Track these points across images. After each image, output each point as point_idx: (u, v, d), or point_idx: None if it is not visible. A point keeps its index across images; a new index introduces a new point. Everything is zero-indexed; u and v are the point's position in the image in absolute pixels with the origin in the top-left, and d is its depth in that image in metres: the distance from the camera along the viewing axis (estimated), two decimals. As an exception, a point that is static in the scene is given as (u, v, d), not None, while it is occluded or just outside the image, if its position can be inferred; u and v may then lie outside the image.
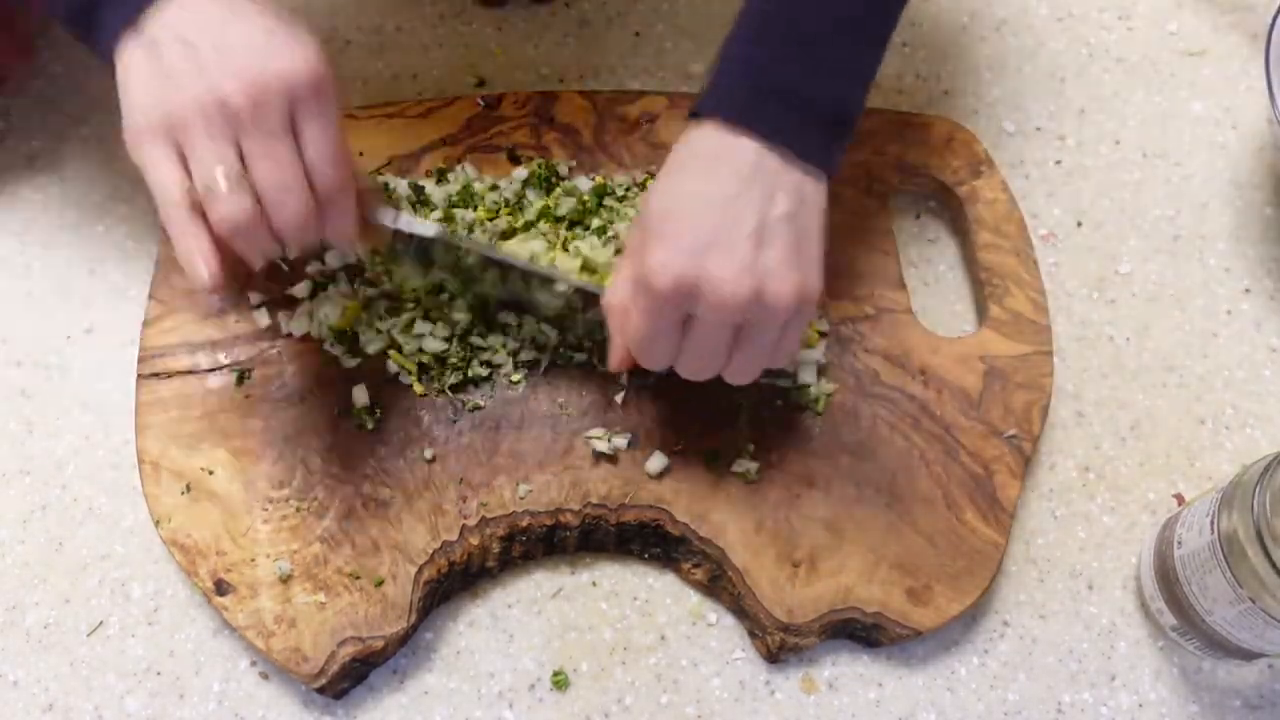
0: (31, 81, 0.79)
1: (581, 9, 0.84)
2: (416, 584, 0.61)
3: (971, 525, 0.63)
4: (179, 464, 0.63)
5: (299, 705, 0.62)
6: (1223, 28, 0.85)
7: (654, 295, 0.53)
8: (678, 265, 0.52)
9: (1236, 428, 0.70)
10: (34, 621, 0.63)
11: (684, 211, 0.53)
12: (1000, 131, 0.80)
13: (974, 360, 0.68)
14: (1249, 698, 0.63)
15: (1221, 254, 0.76)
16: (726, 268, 0.51)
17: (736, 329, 0.54)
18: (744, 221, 0.52)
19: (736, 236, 0.52)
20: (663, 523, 0.63)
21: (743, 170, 0.53)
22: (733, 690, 0.62)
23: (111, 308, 0.72)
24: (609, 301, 0.57)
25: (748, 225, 0.52)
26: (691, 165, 0.55)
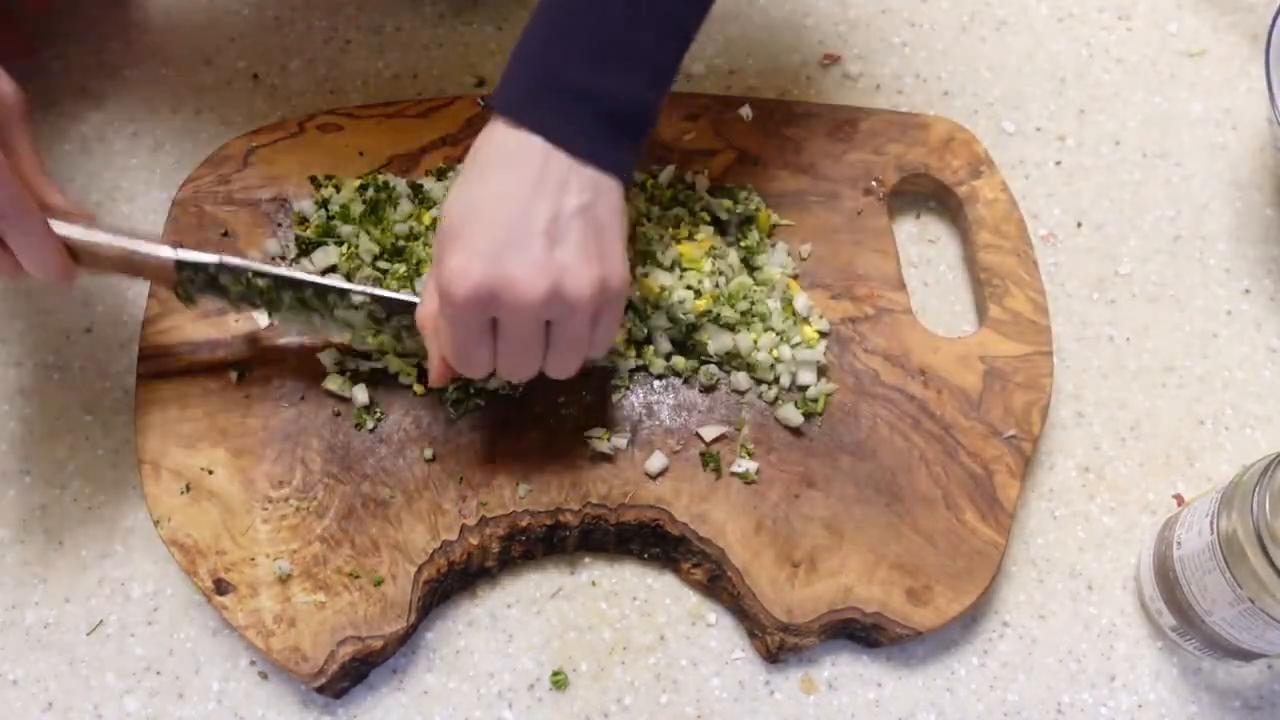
0: (31, 81, 0.79)
1: (581, 9, 0.84)
2: (416, 583, 0.61)
3: (971, 525, 0.63)
4: (179, 463, 0.63)
5: (298, 705, 0.62)
6: (1223, 28, 0.85)
7: (455, 304, 0.52)
8: (474, 271, 0.52)
9: (1236, 428, 0.70)
10: (34, 621, 0.63)
11: (475, 215, 0.53)
12: (1000, 132, 0.80)
13: (974, 360, 0.68)
14: (1248, 698, 0.63)
15: (1221, 254, 0.76)
16: (521, 267, 0.52)
17: (544, 326, 0.54)
18: (536, 219, 0.52)
19: (529, 235, 0.52)
20: (662, 523, 0.63)
21: (531, 168, 0.53)
22: (732, 690, 0.62)
23: (111, 308, 0.72)
24: (420, 316, 0.57)
25: (540, 222, 0.52)
26: (482, 167, 0.54)
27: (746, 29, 0.83)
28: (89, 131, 0.77)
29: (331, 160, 0.72)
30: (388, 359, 0.66)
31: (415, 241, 0.68)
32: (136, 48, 0.80)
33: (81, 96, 0.79)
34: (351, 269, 0.68)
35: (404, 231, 0.68)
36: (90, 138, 0.77)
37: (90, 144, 0.77)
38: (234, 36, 0.81)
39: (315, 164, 0.72)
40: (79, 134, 0.77)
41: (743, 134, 0.74)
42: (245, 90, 0.79)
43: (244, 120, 0.77)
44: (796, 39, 0.83)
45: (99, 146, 0.77)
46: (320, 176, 0.71)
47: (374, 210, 0.69)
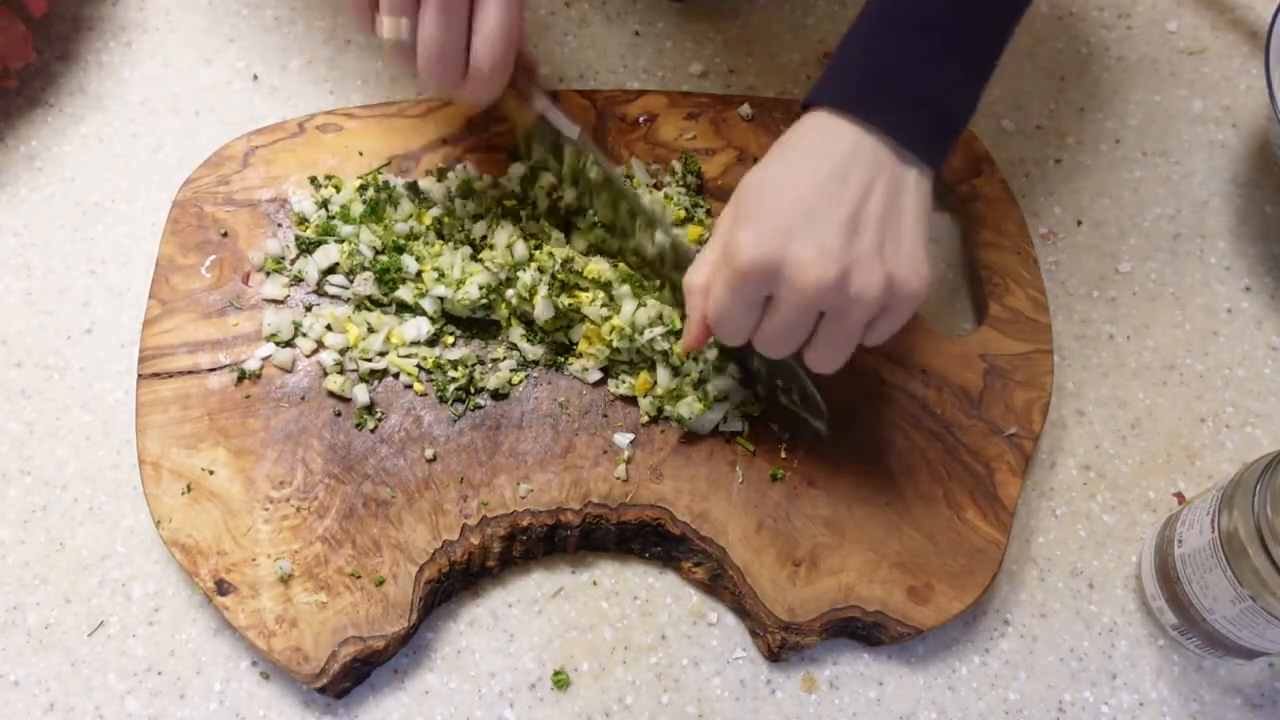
0: (31, 81, 0.79)
1: (582, 9, 0.84)
2: (417, 583, 0.61)
3: (972, 524, 0.63)
4: (179, 464, 0.63)
5: (300, 705, 0.62)
6: (1222, 27, 0.85)
7: (736, 270, 0.52)
8: (763, 244, 0.51)
9: (1237, 426, 0.70)
10: (35, 621, 0.63)
11: (776, 193, 0.52)
12: (1000, 130, 0.80)
13: (974, 359, 0.68)
14: (1250, 696, 0.63)
15: (1222, 252, 0.76)
16: (811, 251, 0.51)
17: (818, 314, 0.53)
18: (836, 208, 0.51)
19: (827, 222, 0.51)
20: (663, 522, 0.63)
21: (840, 156, 0.52)
22: (733, 689, 0.62)
23: (111, 308, 0.72)
24: (689, 281, 0.57)
25: (840, 212, 0.51)
26: (790, 150, 0.54)
27: (746, 29, 0.83)
28: (89, 131, 0.77)
29: (331, 160, 0.72)
30: (389, 359, 0.66)
31: (415, 241, 0.68)
32: (136, 48, 0.80)
33: (81, 96, 0.79)
34: (353, 266, 0.68)
35: (404, 231, 0.68)
36: (90, 138, 0.77)
37: (90, 144, 0.77)
38: (234, 36, 0.81)
39: (315, 164, 0.72)
40: (79, 134, 0.77)
41: (743, 133, 0.74)
42: (245, 90, 0.79)
43: (244, 120, 0.77)
44: (796, 39, 0.83)
45: (99, 146, 0.77)
46: (320, 176, 0.71)
47: (374, 210, 0.69)
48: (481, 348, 0.67)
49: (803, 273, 0.51)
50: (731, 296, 0.53)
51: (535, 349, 0.66)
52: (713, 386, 0.64)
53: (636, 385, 0.65)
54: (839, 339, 0.54)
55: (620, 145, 0.74)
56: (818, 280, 0.51)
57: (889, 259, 0.52)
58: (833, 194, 0.52)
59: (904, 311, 0.54)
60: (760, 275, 0.52)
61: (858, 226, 0.52)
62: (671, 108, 0.75)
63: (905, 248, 0.53)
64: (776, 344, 0.55)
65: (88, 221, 0.75)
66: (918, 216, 0.54)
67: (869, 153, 0.53)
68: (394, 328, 0.66)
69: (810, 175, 0.52)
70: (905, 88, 0.54)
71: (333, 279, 0.68)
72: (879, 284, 0.52)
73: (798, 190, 0.52)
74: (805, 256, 0.51)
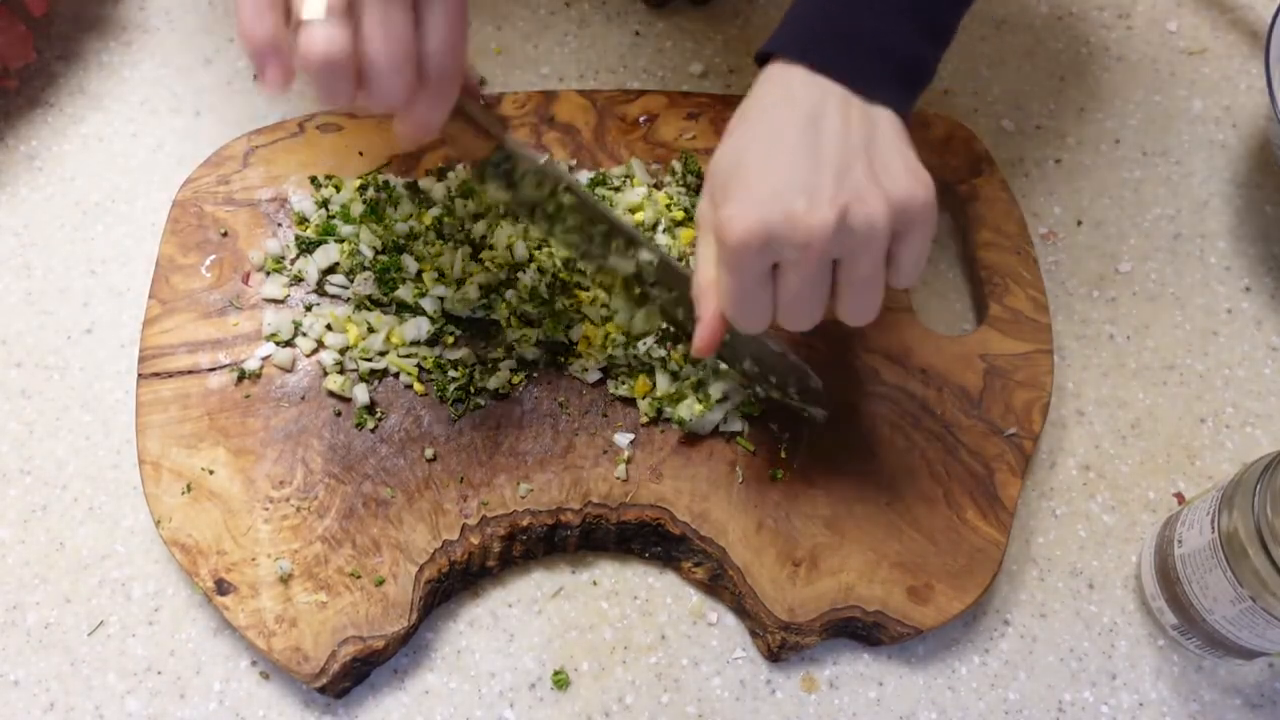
0: (31, 81, 0.79)
1: (582, 9, 0.84)
2: (417, 583, 0.61)
3: (972, 524, 0.63)
4: (179, 464, 0.63)
5: (300, 705, 0.62)
6: (1222, 27, 0.85)
7: (732, 249, 0.49)
8: (750, 212, 0.48)
9: (1237, 426, 0.70)
10: (35, 621, 0.63)
11: (749, 160, 0.50)
12: (1000, 130, 0.80)
13: (974, 359, 0.68)
14: (1250, 696, 0.63)
15: (1222, 252, 0.76)
16: (802, 202, 0.48)
17: (832, 267, 0.50)
18: (814, 154, 0.49)
19: (809, 170, 0.49)
20: (663, 522, 0.63)
21: (806, 107, 0.50)
22: (733, 689, 0.62)
23: (111, 308, 0.72)
24: (698, 283, 0.54)
25: (820, 156, 0.49)
26: (752, 114, 0.52)
27: (746, 29, 0.83)
28: (89, 131, 0.77)
29: (331, 160, 0.72)
30: (389, 359, 0.66)
31: (415, 241, 0.68)
32: (136, 48, 0.80)
33: (81, 96, 0.79)
34: (353, 266, 0.68)
35: (404, 231, 0.68)
36: (90, 138, 0.77)
37: (90, 144, 0.77)
38: (234, 36, 0.81)
39: (315, 164, 0.72)
40: (79, 134, 0.77)
41: (743, 133, 0.74)
42: (245, 90, 0.79)
43: (244, 120, 0.77)
44: (796, 38, 0.83)
45: (99, 146, 0.77)
46: (320, 176, 0.71)
47: (374, 210, 0.69)
48: (481, 348, 0.67)
49: (799, 226, 0.48)
50: (736, 278, 0.50)
51: (534, 350, 0.66)
52: (714, 388, 0.64)
53: (635, 387, 0.65)
54: (863, 282, 0.51)
55: (620, 145, 0.74)
56: (819, 228, 0.48)
57: (885, 182, 0.49)
58: (808, 143, 0.49)
59: (924, 227, 0.50)
60: (757, 244, 0.49)
61: (843, 165, 0.49)
62: (671, 108, 0.75)
63: (899, 164, 0.50)
64: (799, 312, 0.52)
65: (88, 221, 0.75)
66: (902, 138, 0.51)
67: (835, 100, 0.50)
68: (394, 328, 0.66)
69: (780, 132, 0.50)
70: (859, 39, 0.52)
71: (333, 279, 0.68)
72: (882, 209, 0.49)
73: (771, 150, 0.50)
74: (797, 209, 0.48)
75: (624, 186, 0.71)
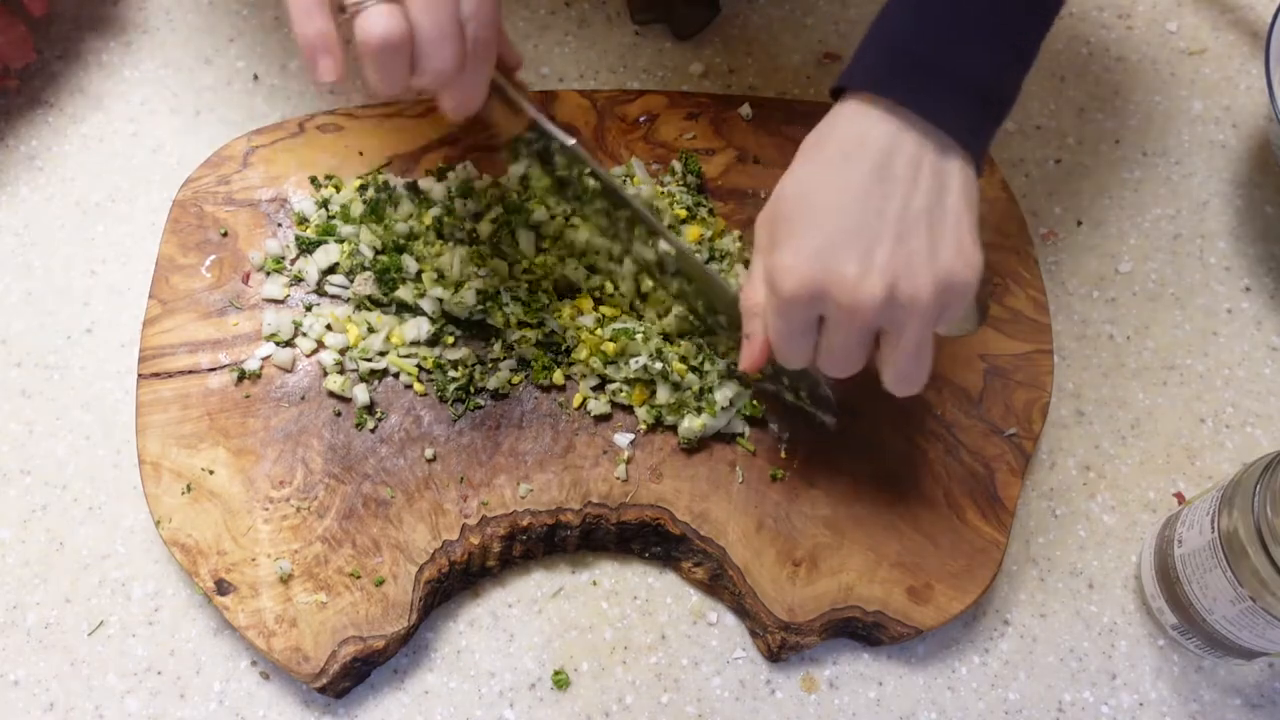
0: (31, 81, 0.79)
1: (582, 9, 0.84)
2: (417, 583, 0.61)
3: (972, 524, 0.63)
4: (179, 464, 0.63)
5: (300, 705, 0.62)
6: (1222, 27, 0.85)
7: (781, 299, 0.50)
8: (804, 268, 0.49)
9: (1237, 426, 0.70)
10: (35, 621, 0.63)
11: (811, 204, 0.50)
12: (1000, 130, 0.79)
13: (974, 359, 0.68)
14: (1249, 696, 0.63)
15: (1221, 252, 0.76)
16: (855, 268, 0.48)
17: (875, 331, 0.51)
18: (877, 215, 0.49)
19: (869, 232, 0.49)
20: (663, 522, 0.63)
21: (877, 153, 0.49)
22: (733, 689, 0.62)
23: (111, 308, 0.72)
24: (745, 301, 0.55)
25: (882, 219, 0.49)
26: (824, 152, 0.51)
27: (746, 29, 0.83)
28: (89, 131, 0.77)
29: (331, 160, 0.72)
30: (389, 359, 0.66)
31: (415, 241, 0.68)
32: (136, 48, 0.80)
33: (81, 96, 0.79)
34: (353, 266, 0.68)
35: (404, 231, 0.68)
36: (90, 138, 0.77)
37: (90, 144, 0.77)
38: (234, 36, 0.81)
39: (315, 164, 0.72)
40: (79, 134, 0.77)
41: (743, 133, 0.74)
42: (245, 90, 0.79)
43: (244, 120, 0.77)
44: (796, 39, 0.83)
45: (99, 146, 0.77)
46: (320, 176, 0.71)
47: (374, 210, 0.69)
48: (481, 348, 0.67)
49: (849, 293, 0.49)
50: (782, 323, 0.52)
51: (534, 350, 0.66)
52: (720, 395, 0.64)
53: (632, 396, 0.65)
54: (908, 352, 0.51)
55: (620, 145, 0.74)
56: (866, 298, 0.48)
57: (937, 256, 0.49)
58: (872, 199, 0.49)
59: (961, 303, 0.50)
60: (805, 300, 0.50)
61: (902, 231, 0.49)
62: (671, 108, 0.75)
63: (954, 241, 0.50)
64: (839, 365, 0.53)
65: (88, 221, 0.75)
66: (966, 203, 0.51)
67: (909, 147, 0.49)
68: (394, 328, 0.66)
69: (847, 179, 0.50)
70: (946, 68, 0.50)
71: (333, 279, 0.68)
72: (930, 287, 0.49)
73: (835, 199, 0.49)
74: (849, 274, 0.48)
75: (624, 186, 0.71)
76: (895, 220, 0.49)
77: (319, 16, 0.49)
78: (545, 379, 0.65)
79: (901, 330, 0.50)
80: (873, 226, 0.49)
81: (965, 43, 0.51)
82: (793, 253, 0.50)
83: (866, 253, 0.49)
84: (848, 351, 0.52)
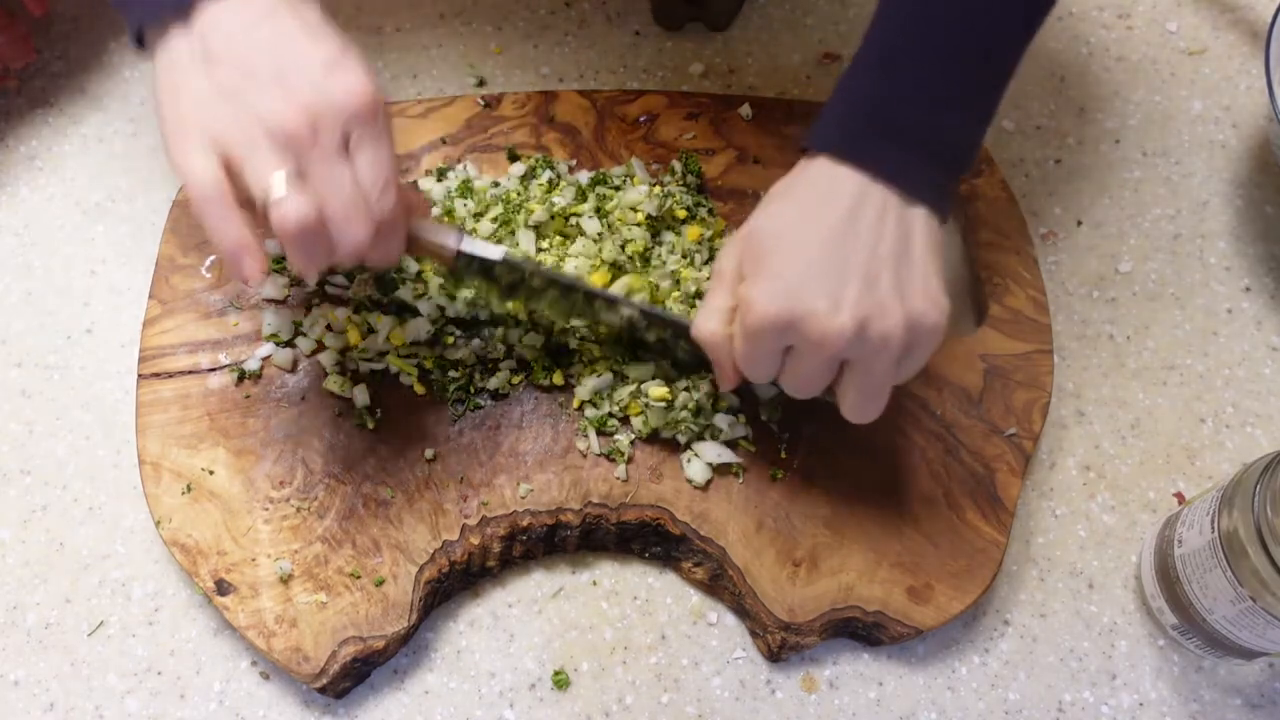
0: (31, 81, 0.79)
1: (582, 9, 0.84)
2: (417, 583, 0.61)
3: (972, 524, 0.63)
4: (179, 464, 0.63)
5: (300, 705, 0.62)
6: (1222, 27, 0.85)
7: (751, 328, 0.52)
8: (777, 300, 0.51)
9: (1237, 426, 0.70)
10: (35, 621, 0.63)
11: (784, 243, 0.52)
12: (1000, 130, 0.80)
13: (974, 359, 0.68)
14: (1250, 696, 0.63)
15: (1221, 252, 0.76)
16: (826, 303, 0.51)
17: (841, 363, 0.53)
18: (847, 256, 0.51)
19: (839, 271, 0.51)
20: (663, 522, 0.63)
21: (845, 203, 0.52)
22: (733, 689, 0.62)
23: (111, 308, 0.72)
24: (699, 330, 0.57)
25: (851, 260, 0.51)
26: (794, 197, 0.54)
27: (746, 29, 0.83)
28: (89, 132, 0.77)
29: (331, 160, 0.72)
30: (389, 359, 0.66)
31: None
32: (136, 48, 0.80)
33: (81, 96, 0.79)
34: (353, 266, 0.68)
35: (404, 231, 0.68)
36: (90, 138, 0.77)
37: (90, 144, 0.77)
38: (234, 36, 0.81)
39: (315, 164, 0.72)
40: (79, 134, 0.77)
41: (743, 133, 0.74)
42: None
43: (244, 120, 0.77)
44: (796, 39, 0.83)
45: (99, 146, 0.77)
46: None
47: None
48: (481, 348, 0.67)
49: (819, 326, 0.51)
50: (750, 349, 0.54)
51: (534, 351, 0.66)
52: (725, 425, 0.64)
53: (630, 407, 0.65)
54: (870, 387, 0.54)
55: (620, 145, 0.74)
56: (837, 332, 0.51)
57: (906, 298, 0.52)
58: (842, 241, 0.51)
59: (928, 346, 0.53)
60: (776, 331, 0.52)
61: (870, 272, 0.51)
62: (671, 108, 0.75)
63: (920, 283, 0.52)
64: (801, 389, 0.55)
65: (88, 221, 0.75)
66: (930, 250, 0.53)
67: (875, 198, 0.52)
68: (394, 328, 0.66)
69: (817, 223, 0.52)
70: (904, 133, 0.53)
71: (333, 279, 0.68)
72: (899, 326, 0.51)
73: (807, 239, 0.52)
74: (820, 309, 0.51)
75: (624, 185, 0.71)
76: (864, 262, 0.52)
77: (234, 223, 0.50)
78: (545, 379, 0.65)
79: (869, 366, 0.53)
80: (843, 266, 0.51)
81: (923, 108, 0.53)
82: (766, 285, 0.52)
83: (838, 290, 0.51)
84: (810, 379, 0.54)
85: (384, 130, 0.52)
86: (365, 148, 0.51)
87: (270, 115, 0.49)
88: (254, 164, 0.49)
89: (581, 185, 0.70)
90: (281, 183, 0.49)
